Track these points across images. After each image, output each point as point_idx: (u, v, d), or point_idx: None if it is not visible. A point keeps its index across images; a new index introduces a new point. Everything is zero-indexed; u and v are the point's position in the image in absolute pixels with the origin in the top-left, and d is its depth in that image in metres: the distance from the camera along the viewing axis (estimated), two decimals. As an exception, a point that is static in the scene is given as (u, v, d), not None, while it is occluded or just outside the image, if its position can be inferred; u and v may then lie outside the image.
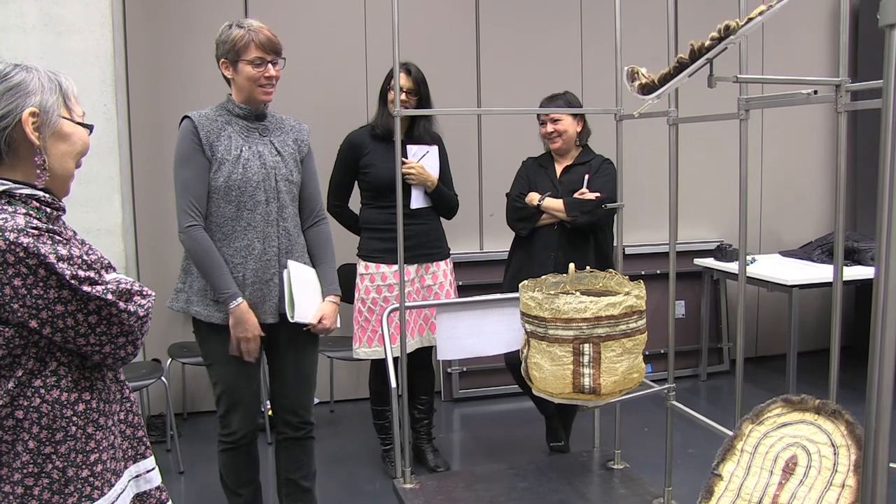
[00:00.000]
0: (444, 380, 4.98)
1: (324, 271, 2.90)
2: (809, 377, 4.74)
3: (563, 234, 3.63)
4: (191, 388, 4.65)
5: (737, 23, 1.88)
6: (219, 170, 2.69)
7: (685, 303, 5.32)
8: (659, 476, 2.91)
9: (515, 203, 3.74)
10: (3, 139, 1.49)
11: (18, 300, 1.42)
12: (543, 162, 3.82)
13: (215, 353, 2.79)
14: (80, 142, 1.59)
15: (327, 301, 2.86)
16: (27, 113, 1.49)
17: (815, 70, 5.54)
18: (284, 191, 2.79)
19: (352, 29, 4.74)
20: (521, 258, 3.74)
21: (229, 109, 2.76)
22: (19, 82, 1.50)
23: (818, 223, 5.70)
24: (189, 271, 2.78)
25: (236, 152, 2.71)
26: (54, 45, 3.65)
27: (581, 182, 3.65)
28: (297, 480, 2.97)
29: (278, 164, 2.78)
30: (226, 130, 2.72)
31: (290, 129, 2.88)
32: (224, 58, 2.71)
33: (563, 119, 3.66)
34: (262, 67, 2.69)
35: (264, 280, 2.75)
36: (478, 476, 2.98)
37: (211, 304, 2.72)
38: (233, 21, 2.73)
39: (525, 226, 3.69)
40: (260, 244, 2.73)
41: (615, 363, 2.35)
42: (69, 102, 1.57)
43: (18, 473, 1.48)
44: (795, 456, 1.91)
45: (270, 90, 2.75)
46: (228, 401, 2.81)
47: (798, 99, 2.07)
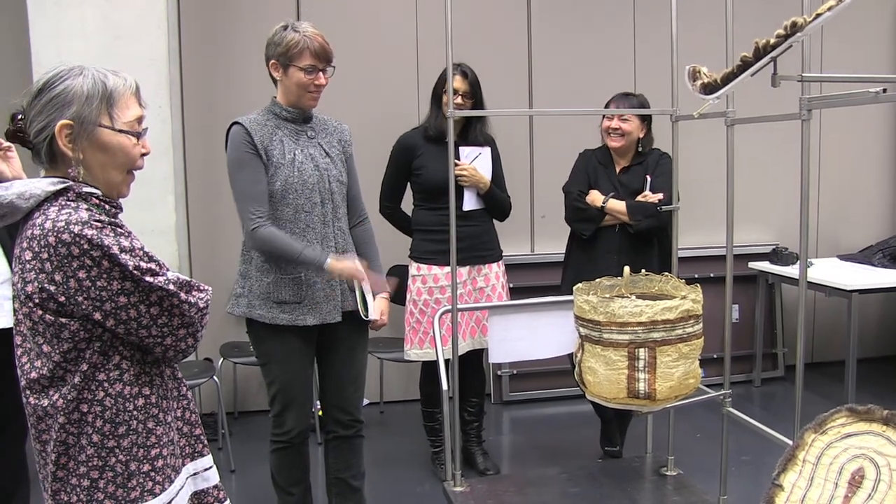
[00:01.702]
0: (494, 382, 4.95)
1: (371, 269, 2.92)
2: (868, 385, 4.60)
3: (626, 237, 3.52)
4: (242, 387, 4.70)
5: (804, 19, 1.82)
6: (275, 174, 2.71)
7: (739, 307, 5.22)
8: (712, 483, 2.85)
9: (576, 203, 3.60)
10: (45, 149, 1.52)
11: (83, 293, 1.44)
12: (602, 159, 3.68)
13: (272, 353, 2.81)
14: (121, 153, 1.56)
15: (379, 298, 2.89)
16: (59, 126, 1.50)
17: (876, 68, 5.40)
18: (337, 191, 2.81)
19: (403, 29, 4.74)
20: (581, 261, 3.62)
21: (276, 113, 2.78)
22: (59, 92, 1.51)
23: (877, 227, 5.54)
24: (248, 276, 2.81)
25: (290, 156, 2.73)
26: (112, 48, 3.72)
27: (641, 182, 3.55)
28: (346, 480, 2.98)
29: (329, 166, 2.80)
30: (276, 135, 2.74)
31: (334, 130, 2.90)
32: (276, 59, 2.72)
33: (632, 120, 3.54)
34: (313, 75, 2.70)
35: (325, 279, 2.77)
36: (529, 480, 2.96)
37: (274, 306, 2.75)
38: (288, 23, 2.73)
39: (587, 227, 3.57)
40: (319, 244, 2.75)
41: (671, 368, 2.31)
42: (114, 109, 1.55)
43: (84, 466, 1.51)
44: (862, 468, 1.85)
45: (317, 97, 2.77)
46: (283, 400, 2.82)
47: (865, 98, 2.00)
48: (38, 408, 1.51)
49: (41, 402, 1.50)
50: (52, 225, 1.44)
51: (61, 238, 1.42)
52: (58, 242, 1.43)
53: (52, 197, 1.50)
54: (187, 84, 4.44)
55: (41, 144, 1.52)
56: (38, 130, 1.51)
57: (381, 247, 3.05)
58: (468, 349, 3.62)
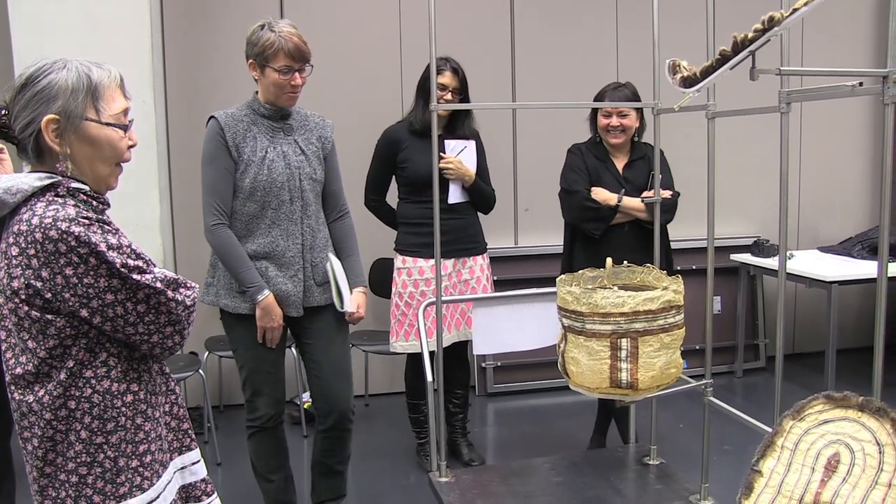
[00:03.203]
0: (479, 374, 4.98)
1: (350, 264, 2.96)
2: (848, 375, 4.66)
3: (634, 235, 3.47)
4: (227, 381, 4.70)
5: (781, 14, 1.85)
6: (245, 171, 2.76)
7: (721, 299, 5.26)
8: (694, 472, 2.89)
9: (587, 203, 3.45)
10: (31, 143, 1.51)
11: (70, 289, 1.44)
12: (600, 155, 3.57)
13: (240, 339, 2.88)
14: (107, 146, 1.56)
15: (356, 291, 2.93)
16: (45, 120, 1.49)
17: (855, 61, 5.46)
18: (308, 189, 2.85)
19: (386, 23, 4.75)
20: (590, 260, 3.31)
21: (255, 109, 2.81)
22: (44, 86, 1.50)
23: (857, 219, 5.61)
24: (216, 266, 2.88)
25: (261, 153, 2.76)
26: (94, 41, 3.70)
27: (645, 177, 3.49)
28: (330, 464, 3.06)
29: (302, 164, 2.83)
30: (251, 131, 2.77)
31: (315, 126, 2.92)
32: (253, 59, 2.75)
33: (631, 114, 3.46)
34: (288, 75, 2.72)
35: (288, 276, 2.82)
36: (513, 470, 2.98)
37: (237, 295, 2.82)
38: (265, 22, 2.74)
39: (599, 226, 3.46)
40: (283, 241, 2.81)
41: (653, 358, 2.34)
42: (99, 102, 1.54)
43: (72, 462, 1.51)
44: (838, 453, 1.89)
45: (295, 96, 2.80)
46: (252, 385, 2.89)
47: (842, 91, 2.03)
48: (22, 403, 1.51)
49: (26, 398, 1.50)
50: (40, 221, 1.43)
51: (48, 235, 1.42)
52: (45, 239, 1.42)
53: (39, 192, 1.49)
54: (171, 78, 4.43)
55: (27, 140, 1.51)
56: (23, 126, 1.50)
57: (367, 240, 3.08)
58: (453, 341, 3.65)
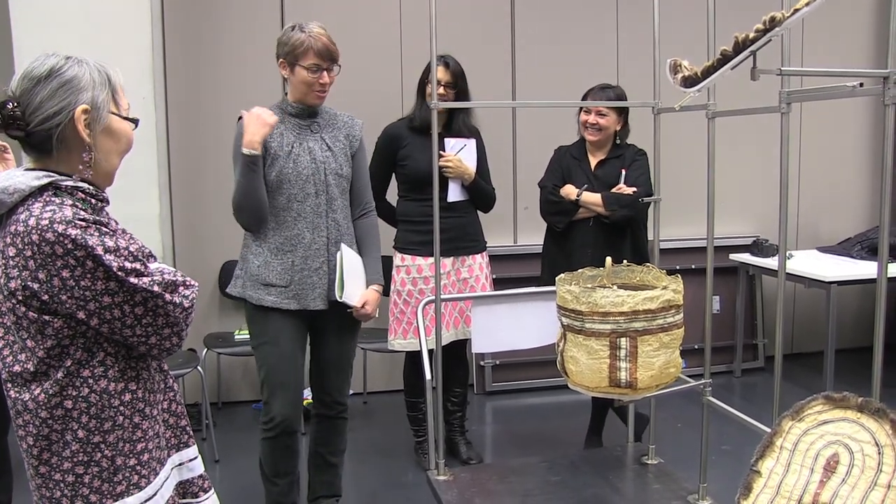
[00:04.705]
0: (477, 373, 4.98)
1: (369, 261, 2.99)
2: (847, 375, 4.66)
3: (600, 230, 3.56)
4: (226, 378, 4.69)
5: (782, 14, 1.85)
6: (272, 164, 2.80)
7: (720, 298, 5.26)
8: (693, 472, 2.89)
9: (551, 196, 3.65)
10: (56, 135, 1.48)
11: (66, 292, 1.43)
12: (577, 153, 3.72)
13: (261, 334, 2.89)
14: (125, 139, 1.59)
15: (370, 289, 2.94)
16: (80, 110, 1.48)
17: (856, 62, 5.45)
18: (334, 184, 2.88)
19: (387, 21, 4.74)
20: (556, 254, 3.66)
21: (283, 108, 2.89)
22: (72, 77, 1.49)
23: (856, 219, 5.60)
24: (245, 258, 2.90)
25: (287, 148, 2.82)
26: (94, 37, 3.69)
27: (616, 176, 3.58)
28: (324, 455, 3.09)
29: (328, 159, 2.87)
30: (279, 128, 2.83)
31: (343, 124, 2.98)
32: (283, 58, 2.82)
33: (609, 115, 3.57)
34: (317, 74, 2.80)
35: (313, 268, 2.84)
36: (511, 469, 2.99)
37: (261, 287, 2.84)
38: (296, 23, 2.83)
39: (561, 220, 3.61)
40: (309, 234, 2.83)
41: (652, 357, 2.34)
42: (117, 97, 1.57)
43: (69, 462, 1.50)
44: (837, 454, 1.89)
45: (323, 94, 2.86)
46: (270, 384, 2.88)
47: (843, 91, 2.03)
48: (18, 401, 1.50)
49: (21, 396, 1.49)
50: (36, 222, 1.41)
51: (45, 237, 1.40)
52: (41, 241, 1.40)
53: (37, 192, 1.47)
54: (171, 75, 4.42)
55: (52, 130, 1.48)
56: (48, 115, 1.47)
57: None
58: (452, 339, 3.64)
